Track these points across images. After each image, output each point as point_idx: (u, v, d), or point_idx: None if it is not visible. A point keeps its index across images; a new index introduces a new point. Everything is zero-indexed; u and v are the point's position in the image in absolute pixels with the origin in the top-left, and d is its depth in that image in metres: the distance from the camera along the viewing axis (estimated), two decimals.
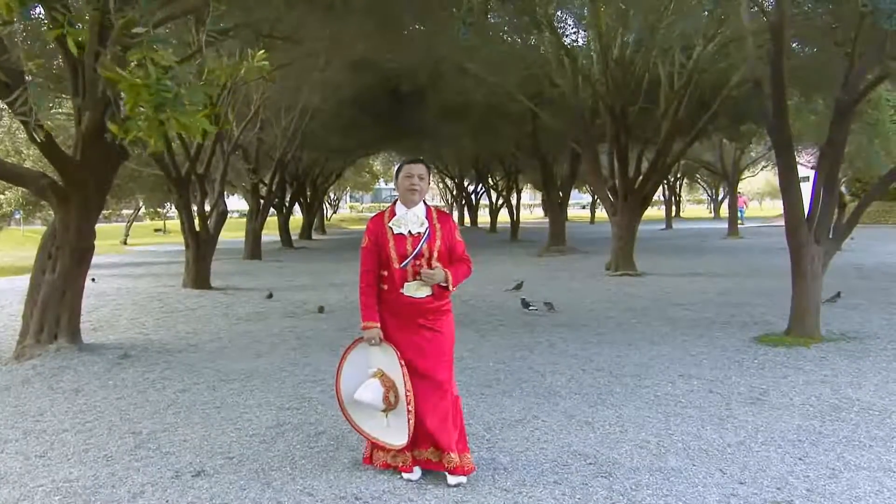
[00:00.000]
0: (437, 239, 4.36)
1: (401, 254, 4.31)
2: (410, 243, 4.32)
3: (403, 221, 4.36)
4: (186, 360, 8.15)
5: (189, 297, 13.65)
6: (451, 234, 4.45)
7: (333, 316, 11.16)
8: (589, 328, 9.66)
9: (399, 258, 4.30)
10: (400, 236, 4.34)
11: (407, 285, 4.31)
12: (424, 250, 4.31)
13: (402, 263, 4.30)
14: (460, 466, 4.31)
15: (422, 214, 4.40)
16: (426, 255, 4.32)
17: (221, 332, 9.93)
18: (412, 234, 4.34)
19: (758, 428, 5.28)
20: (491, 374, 7.05)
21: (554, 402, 6.08)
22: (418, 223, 4.36)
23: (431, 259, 4.32)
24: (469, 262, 4.53)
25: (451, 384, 4.42)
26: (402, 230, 4.34)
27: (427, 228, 4.36)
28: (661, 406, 5.90)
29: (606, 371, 7.17)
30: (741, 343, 8.40)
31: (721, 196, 54.11)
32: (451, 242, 4.43)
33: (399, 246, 4.32)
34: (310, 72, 15.89)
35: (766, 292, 12.55)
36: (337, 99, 19.56)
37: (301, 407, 6.08)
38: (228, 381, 7.04)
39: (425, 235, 4.34)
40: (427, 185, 4.45)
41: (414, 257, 4.30)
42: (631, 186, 16.39)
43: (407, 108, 21.85)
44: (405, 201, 4.42)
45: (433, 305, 4.36)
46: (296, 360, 8.02)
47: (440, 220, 4.45)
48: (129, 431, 5.49)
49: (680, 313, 10.73)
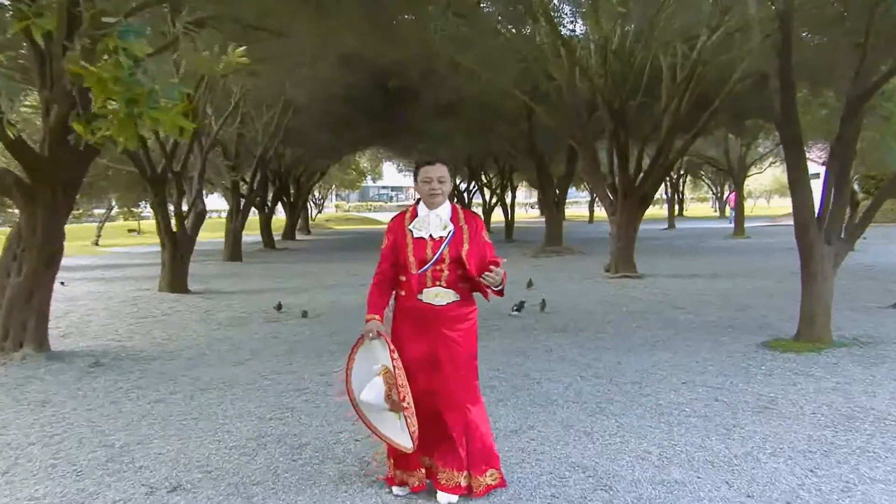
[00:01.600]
0: (465, 242, 4.21)
1: (419, 259, 4.17)
2: (431, 248, 4.17)
3: (424, 224, 4.23)
4: (162, 368, 8.09)
5: (165, 302, 13.59)
6: (478, 235, 4.27)
7: (320, 321, 11.12)
8: (587, 333, 9.65)
9: (417, 263, 4.17)
10: (419, 240, 4.20)
11: (426, 291, 4.18)
12: (445, 255, 4.16)
13: (420, 269, 4.17)
14: (460, 487, 4.25)
15: (445, 216, 4.26)
16: (447, 260, 4.17)
17: (199, 339, 9.88)
18: (433, 239, 4.20)
19: (766, 438, 5.27)
20: (484, 382, 6.98)
21: (551, 411, 6.06)
22: (440, 226, 4.22)
23: (455, 265, 4.17)
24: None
25: (466, 400, 4.27)
26: (422, 234, 4.21)
27: (451, 232, 4.22)
28: (664, 415, 5.88)
29: (606, 378, 7.16)
30: (748, 348, 8.40)
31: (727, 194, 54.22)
32: (480, 245, 4.27)
33: (418, 250, 4.18)
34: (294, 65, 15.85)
35: (774, 295, 12.57)
36: (323, 94, 19.54)
37: (284, 417, 6.04)
38: (207, 391, 6.99)
39: (448, 239, 4.19)
40: (449, 186, 4.29)
41: (434, 263, 4.17)
42: (631, 184, 16.40)
43: (397, 104, 21.83)
44: (427, 203, 4.29)
45: (455, 314, 4.23)
46: (279, 367, 7.98)
47: (467, 221, 4.30)
48: (100, 444, 5.43)
49: (683, 317, 10.73)
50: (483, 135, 26.08)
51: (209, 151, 17.61)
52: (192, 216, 15.68)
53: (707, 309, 11.41)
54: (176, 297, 14.20)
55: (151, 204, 15.59)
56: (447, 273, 4.18)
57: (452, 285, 4.20)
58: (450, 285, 4.20)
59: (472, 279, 4.21)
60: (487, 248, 4.31)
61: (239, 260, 23.44)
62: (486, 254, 4.29)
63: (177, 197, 15.32)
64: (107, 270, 21.07)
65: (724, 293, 13.15)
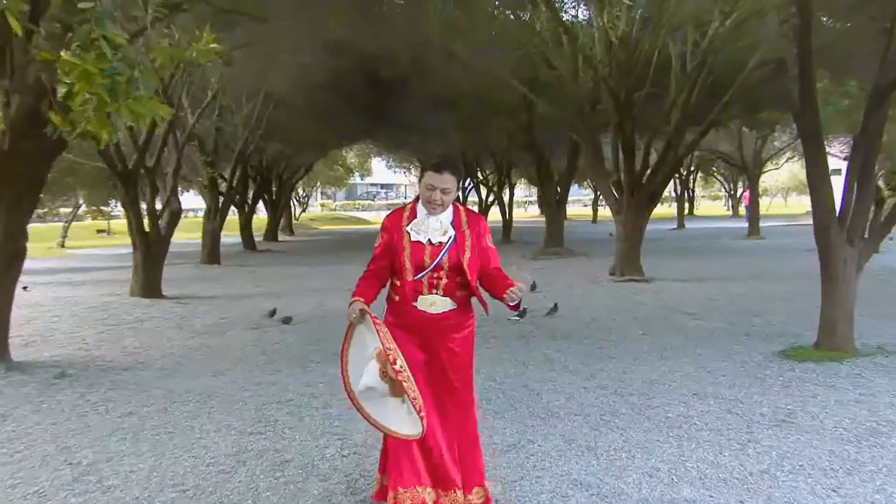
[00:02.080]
0: (467, 249, 4.18)
1: (416, 265, 4.13)
2: (429, 254, 4.14)
3: (423, 227, 4.18)
4: (134, 379, 8.06)
5: (137, 307, 13.55)
6: (481, 239, 4.25)
7: (303, 327, 11.10)
8: (590, 340, 9.65)
9: (414, 269, 4.13)
10: (417, 244, 4.15)
11: (421, 298, 4.16)
12: (444, 262, 4.14)
13: (416, 276, 4.14)
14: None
15: (446, 220, 4.22)
16: (445, 267, 4.14)
17: (174, 347, 9.85)
18: (432, 244, 4.16)
19: (784, 454, 5.27)
20: (480, 393, 6.99)
21: (551, 424, 6.05)
22: (441, 231, 4.18)
23: (454, 272, 4.15)
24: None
25: (461, 413, 4.30)
26: (420, 238, 4.17)
27: (452, 238, 4.18)
28: (673, 429, 5.88)
29: (610, 389, 7.16)
30: (763, 357, 8.41)
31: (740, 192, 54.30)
32: (482, 251, 4.25)
33: (415, 255, 4.14)
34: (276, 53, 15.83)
35: (791, 300, 12.58)
36: (307, 84, 19.50)
37: (265, 431, 6.03)
38: (182, 403, 6.97)
39: (448, 246, 4.16)
40: (454, 196, 4.23)
41: (431, 270, 4.14)
42: (637, 181, 16.40)
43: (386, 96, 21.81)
44: (427, 209, 4.23)
45: (452, 322, 4.22)
46: (260, 377, 7.96)
47: (470, 223, 4.26)
48: (65, 462, 5.40)
49: (693, 323, 10.74)
50: (479, 128, 26.09)
51: (185, 146, 17.57)
52: (166, 215, 15.64)
53: (719, 315, 11.42)
54: (149, 303, 14.15)
55: (122, 202, 15.55)
56: (445, 281, 4.16)
57: (450, 293, 4.19)
58: (447, 293, 4.18)
59: (473, 290, 4.20)
60: (490, 253, 4.29)
61: (217, 263, 23.37)
62: (490, 259, 4.28)
63: (150, 194, 15.27)
64: (74, 274, 20.99)
65: (738, 298, 13.16)
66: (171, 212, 15.76)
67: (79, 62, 4.35)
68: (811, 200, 8.68)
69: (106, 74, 4.35)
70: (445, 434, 4.22)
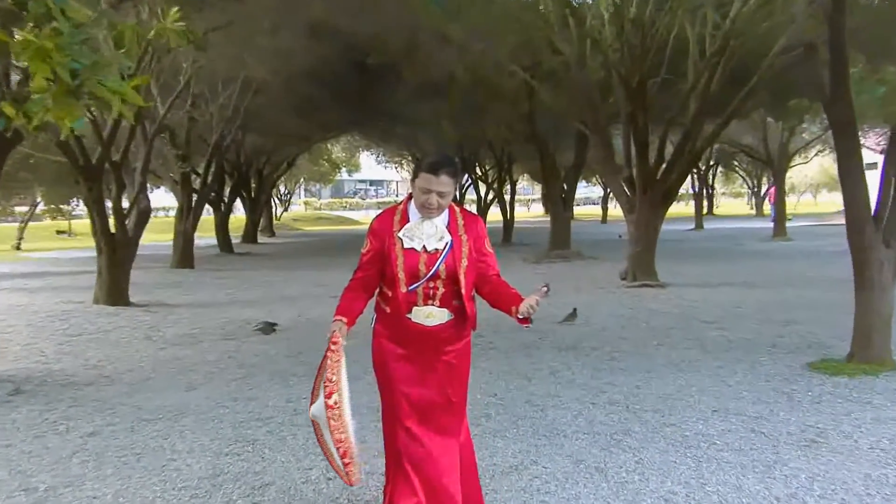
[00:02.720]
0: (463, 256, 4.18)
1: (410, 274, 4.12)
2: (424, 262, 4.12)
3: (417, 233, 4.16)
4: (98, 395, 8.04)
5: (102, 316, 13.52)
6: (479, 244, 4.25)
7: (284, 336, 11.10)
8: (600, 351, 9.66)
9: (408, 279, 4.12)
10: (411, 252, 4.14)
11: (415, 310, 4.15)
12: (441, 271, 4.13)
13: (410, 286, 4.13)
14: None
15: (442, 224, 4.21)
16: (442, 276, 4.14)
17: (143, 360, 9.84)
18: (427, 251, 4.14)
19: (814, 477, 5.27)
20: (480, 409, 7.00)
21: (557, 443, 6.05)
22: (436, 236, 4.17)
23: (451, 281, 4.15)
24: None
25: (461, 427, 4.34)
26: (413, 244, 4.15)
27: (448, 244, 4.18)
28: (691, 449, 5.88)
29: (622, 405, 7.16)
30: (790, 370, 8.41)
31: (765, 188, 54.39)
32: (479, 257, 4.25)
33: (409, 264, 4.12)
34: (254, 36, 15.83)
35: (822, 307, 12.60)
36: (289, 71, 19.51)
37: (243, 452, 6.02)
38: (152, 421, 6.95)
39: (445, 252, 4.16)
40: (450, 198, 4.22)
41: (427, 279, 4.13)
42: (651, 177, 16.41)
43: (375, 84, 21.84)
44: (420, 212, 4.20)
45: (449, 334, 4.23)
46: (237, 393, 7.95)
47: (467, 226, 4.26)
48: (20, 488, 5.39)
49: (713, 333, 10.75)
50: (476, 119, 26.10)
51: (154, 138, 17.54)
52: (133, 215, 15.60)
53: (742, 324, 11.43)
54: (114, 311, 14.12)
55: (85, 200, 15.51)
56: (442, 291, 4.17)
57: (447, 304, 4.20)
58: (444, 304, 4.19)
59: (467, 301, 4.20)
60: (490, 259, 4.31)
61: (190, 267, 23.35)
62: (489, 266, 4.29)
63: (116, 192, 15.24)
64: (31, 279, 20.95)
65: (763, 305, 13.18)
66: (140, 211, 15.73)
67: (34, 40, 4.32)
68: (844, 198, 8.66)
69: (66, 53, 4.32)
70: (444, 457, 4.21)
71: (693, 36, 15.83)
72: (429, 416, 4.20)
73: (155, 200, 23.12)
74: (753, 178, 57.87)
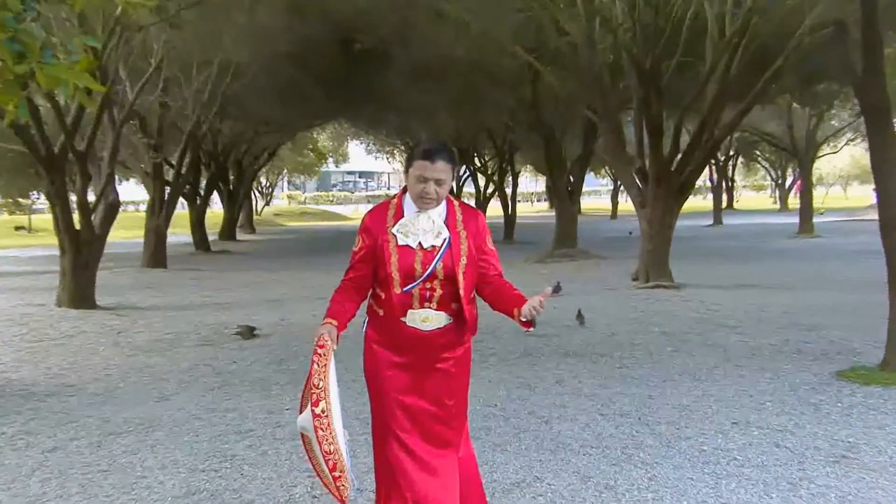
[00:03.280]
0: (462, 254, 4.17)
1: (406, 273, 4.11)
2: (421, 261, 4.12)
3: (412, 228, 4.16)
4: (60, 406, 8.02)
5: (66, 320, 13.50)
6: (479, 241, 4.25)
7: (266, 342, 11.08)
8: (610, 358, 9.66)
9: (403, 279, 4.11)
10: (406, 249, 4.13)
11: (410, 313, 4.15)
12: (438, 270, 4.13)
13: (405, 287, 4.12)
14: None
15: (440, 219, 4.20)
16: (440, 276, 4.14)
17: (111, 368, 9.82)
18: (423, 249, 4.14)
19: (844, 496, 5.28)
20: (479, 421, 7.00)
21: (563, 458, 6.06)
22: (433, 232, 4.16)
23: (448, 281, 4.15)
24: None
25: (460, 440, 4.35)
26: (409, 241, 4.15)
27: (446, 240, 4.17)
28: (709, 464, 5.89)
29: (634, 417, 7.16)
30: (818, 379, 8.41)
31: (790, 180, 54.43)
32: (480, 255, 4.25)
33: (404, 262, 4.12)
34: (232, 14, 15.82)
35: (851, 311, 12.60)
36: (271, 52, 19.49)
37: (221, 468, 6.01)
38: (120, 435, 6.94)
39: (442, 250, 4.15)
40: (449, 187, 4.22)
41: (423, 280, 4.13)
42: (666, 168, 16.43)
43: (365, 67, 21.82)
44: (416, 204, 4.20)
45: (447, 340, 4.23)
46: (214, 404, 7.94)
47: (466, 221, 4.26)
48: None
49: (733, 338, 10.76)
50: (475, 106, 26.07)
51: (123, 125, 17.51)
52: (101, 210, 15.58)
53: (765, 329, 11.44)
54: (79, 315, 14.11)
55: (47, 194, 15.49)
56: (439, 292, 4.16)
57: (444, 307, 4.20)
58: (441, 307, 4.19)
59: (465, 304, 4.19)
60: (491, 258, 4.30)
61: (163, 266, 23.34)
62: (490, 265, 4.29)
63: (81, 184, 15.21)
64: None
65: (788, 308, 13.18)
66: (107, 205, 15.70)
67: None
68: (876, 191, 8.66)
69: (9, 30, 4.27)
70: (441, 473, 4.21)
71: (711, 14, 15.81)
72: (425, 428, 4.20)
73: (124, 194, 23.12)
74: (777, 169, 57.72)
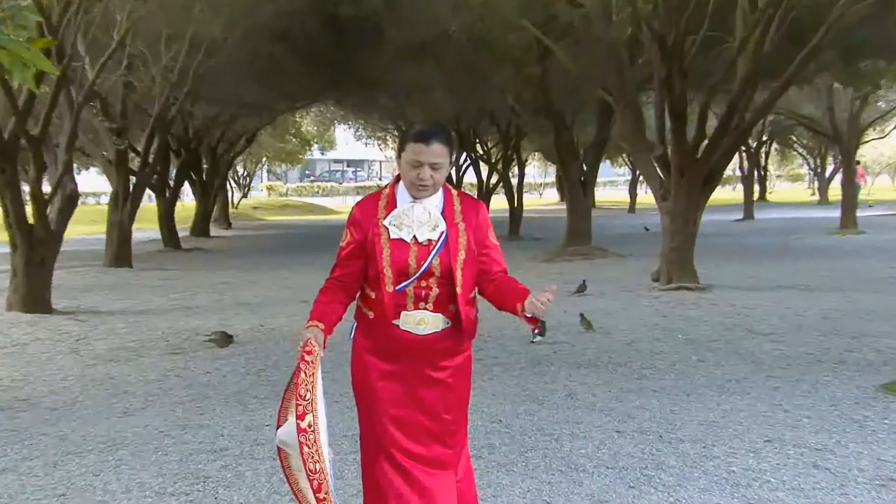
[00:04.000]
0: (460, 249, 4.16)
1: (399, 270, 4.10)
2: (415, 256, 4.11)
3: (407, 221, 4.16)
4: (12, 423, 8.03)
5: (17, 326, 13.49)
6: (480, 234, 4.25)
7: (242, 350, 11.09)
8: (627, 369, 9.68)
9: (396, 276, 4.10)
10: (399, 243, 4.13)
11: (404, 315, 4.15)
12: (435, 266, 4.12)
13: (398, 285, 4.11)
14: None
15: (436, 210, 4.20)
16: (436, 273, 4.13)
17: (69, 379, 9.83)
18: (418, 243, 4.14)
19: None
20: (481, 439, 7.01)
21: (576, 479, 6.06)
22: (430, 225, 4.16)
23: (446, 279, 4.14)
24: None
25: (458, 460, 4.36)
26: (402, 234, 4.14)
27: (443, 233, 4.16)
28: (739, 487, 5.89)
29: (654, 434, 7.17)
30: (861, 392, 8.41)
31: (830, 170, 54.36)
32: (481, 250, 4.25)
33: (397, 257, 4.11)
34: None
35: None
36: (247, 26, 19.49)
37: (192, 492, 6.02)
38: (80, 454, 6.95)
39: (439, 244, 4.15)
40: (446, 172, 4.21)
41: (418, 277, 4.13)
42: (690, 156, 16.41)
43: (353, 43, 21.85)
44: (411, 192, 4.20)
45: (444, 346, 4.22)
46: (185, 419, 7.95)
47: (465, 212, 4.25)
48: None
49: (766, 347, 10.77)
50: (476, 87, 26.09)
51: (83, 108, 17.50)
52: (57, 202, 15.56)
53: (802, 336, 11.45)
54: (32, 320, 14.08)
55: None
56: (436, 292, 4.16)
57: (441, 308, 4.19)
58: (438, 308, 4.18)
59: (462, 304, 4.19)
60: (493, 253, 4.31)
61: (127, 265, 23.30)
62: (493, 261, 4.29)
63: (35, 174, 15.20)
64: None
65: (827, 314, 13.19)
66: (65, 197, 15.69)
67: None
68: None
69: None
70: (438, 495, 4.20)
71: None
72: (420, 445, 4.19)
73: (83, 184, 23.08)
74: (816, 157, 57.53)
